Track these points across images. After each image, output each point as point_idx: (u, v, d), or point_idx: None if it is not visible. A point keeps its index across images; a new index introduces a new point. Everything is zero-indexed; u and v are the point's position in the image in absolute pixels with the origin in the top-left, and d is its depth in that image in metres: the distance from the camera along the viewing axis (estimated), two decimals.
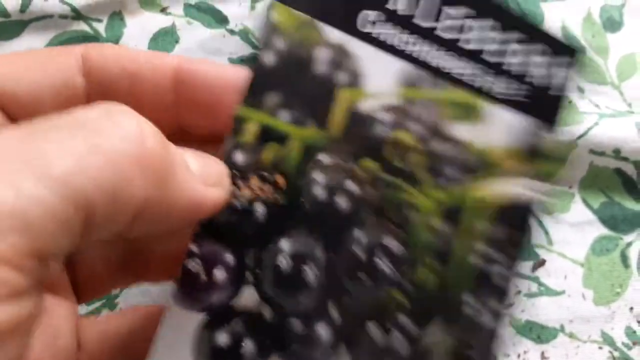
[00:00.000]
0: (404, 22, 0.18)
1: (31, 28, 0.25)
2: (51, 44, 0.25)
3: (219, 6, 0.27)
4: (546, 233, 0.26)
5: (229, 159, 0.17)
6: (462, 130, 0.19)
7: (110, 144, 0.13)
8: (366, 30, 0.18)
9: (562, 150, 0.19)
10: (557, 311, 0.25)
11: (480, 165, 0.19)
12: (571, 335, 0.25)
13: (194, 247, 0.17)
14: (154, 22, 0.27)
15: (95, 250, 0.18)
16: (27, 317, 0.12)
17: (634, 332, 0.25)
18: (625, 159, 0.26)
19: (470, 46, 0.19)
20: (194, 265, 0.17)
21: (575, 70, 0.20)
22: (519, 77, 0.19)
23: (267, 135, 0.18)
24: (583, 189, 0.26)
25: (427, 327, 0.19)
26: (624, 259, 0.26)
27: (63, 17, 0.25)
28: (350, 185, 0.18)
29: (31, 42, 0.25)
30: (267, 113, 0.18)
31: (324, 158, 0.18)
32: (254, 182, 0.17)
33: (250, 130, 0.17)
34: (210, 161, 0.16)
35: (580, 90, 0.28)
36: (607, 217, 0.26)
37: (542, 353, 0.25)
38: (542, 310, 0.25)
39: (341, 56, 0.18)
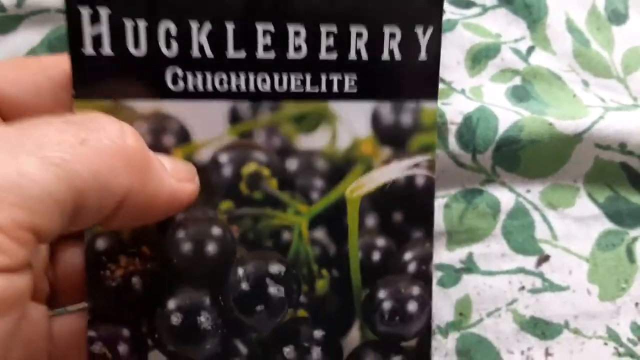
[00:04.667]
0: (214, 63, 0.18)
1: (27, 22, 0.24)
2: (47, 38, 0.24)
3: None
4: (550, 228, 0.26)
5: (92, 249, 0.18)
6: (317, 138, 0.19)
7: (97, 138, 0.14)
8: (178, 85, 0.18)
9: (433, 119, 0.19)
10: (561, 307, 0.25)
11: (347, 163, 0.19)
12: (576, 332, 0.25)
13: (92, 333, 0.18)
14: None
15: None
16: (24, 291, 0.13)
17: None
18: (630, 153, 0.26)
19: (302, 53, 0.18)
20: (98, 347, 0.18)
21: (434, 36, 0.19)
22: (365, 64, 0.19)
23: None
24: (588, 183, 0.26)
25: (348, 334, 0.20)
26: (630, 254, 0.26)
27: (60, 11, 0.24)
28: (216, 230, 0.19)
29: (27, 36, 0.24)
30: None
31: (180, 216, 0.19)
32: (123, 260, 0.18)
33: None
34: (179, 161, 0.18)
35: (585, 83, 0.28)
36: (612, 212, 0.26)
37: (547, 349, 0.25)
38: (547, 306, 0.25)
39: (161, 122, 0.18)
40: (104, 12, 0.17)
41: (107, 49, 0.17)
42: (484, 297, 0.25)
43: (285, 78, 0.18)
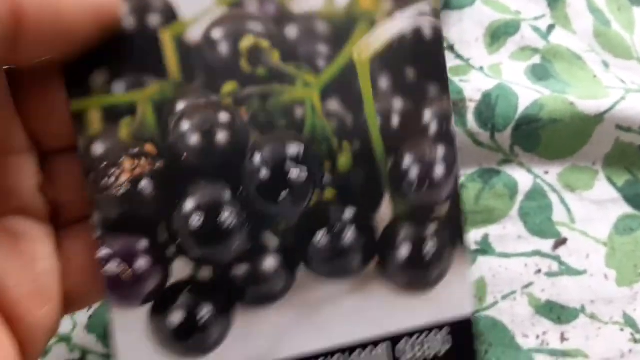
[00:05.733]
0: None
1: None
2: None
3: None
4: (568, 210, 0.25)
5: (89, 156, 0.16)
6: None
7: None
8: None
9: None
10: (578, 291, 0.24)
11: (349, 22, 0.17)
12: (592, 317, 0.24)
13: (105, 250, 0.16)
14: None
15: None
16: None
17: None
18: None
19: None
20: (114, 266, 0.16)
21: None
22: None
23: (113, 114, 0.17)
24: (608, 166, 0.25)
25: (378, 210, 0.18)
26: None
27: None
28: (224, 116, 0.17)
29: None
30: (101, 93, 0.17)
31: (182, 105, 0.17)
32: (127, 163, 0.16)
33: (94, 119, 0.16)
34: None
35: (605, 64, 0.27)
36: (631, 196, 0.25)
37: (562, 334, 0.24)
38: (563, 290, 0.24)
39: (143, 0, 0.17)
40: None
41: None
42: (499, 279, 0.24)
43: None
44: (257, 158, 0.17)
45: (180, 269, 0.17)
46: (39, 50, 0.14)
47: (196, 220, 0.16)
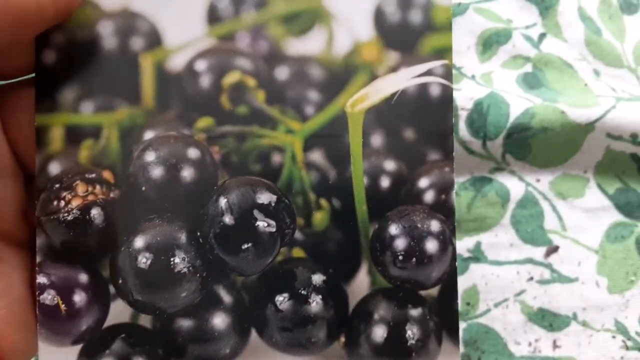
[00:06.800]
0: None
1: None
2: None
3: None
4: (560, 218, 0.25)
5: (44, 174, 0.15)
6: (311, 42, 0.16)
7: None
8: None
9: (447, 17, 0.16)
10: (570, 299, 0.25)
11: (347, 71, 0.16)
12: (584, 324, 0.24)
13: (43, 279, 0.15)
14: None
15: None
16: None
17: None
18: None
19: None
20: (49, 297, 0.15)
21: None
22: None
23: (76, 134, 0.16)
24: (598, 174, 0.26)
25: (353, 279, 0.16)
26: (639, 246, 0.25)
27: None
28: (193, 152, 0.15)
29: None
30: (68, 111, 0.16)
31: (150, 135, 0.16)
32: (81, 188, 0.15)
33: (56, 136, 0.16)
34: None
35: (596, 73, 0.27)
36: (622, 204, 0.25)
37: (554, 341, 0.24)
38: (555, 298, 0.25)
39: (129, 20, 0.16)
40: None
41: None
42: (491, 287, 0.24)
43: None
44: (222, 202, 0.15)
45: (120, 311, 0.16)
46: None
47: (143, 261, 0.15)
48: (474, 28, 0.26)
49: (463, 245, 0.25)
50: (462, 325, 0.24)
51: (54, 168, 0.16)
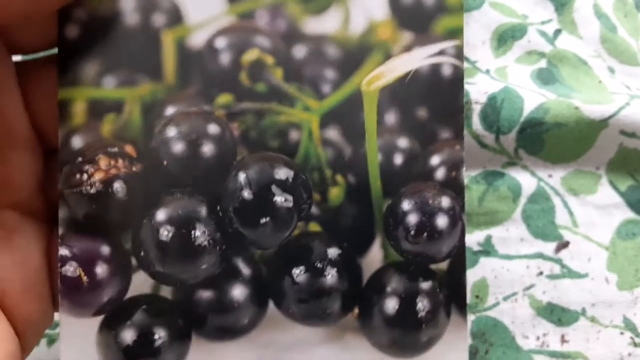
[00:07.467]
0: None
1: None
2: None
3: None
4: (571, 214, 0.25)
5: (67, 148, 0.16)
6: (327, 21, 0.16)
7: None
8: None
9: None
10: (579, 294, 0.25)
11: (362, 50, 0.16)
12: (593, 320, 0.25)
13: (65, 251, 0.15)
14: None
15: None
16: None
17: None
18: None
19: None
20: (71, 269, 0.15)
21: None
22: None
23: (99, 108, 0.16)
24: (611, 171, 0.26)
25: (367, 253, 0.17)
26: None
27: None
28: (213, 128, 0.16)
29: None
30: (91, 86, 0.16)
31: (171, 110, 0.16)
32: (103, 161, 0.16)
33: (79, 110, 0.16)
34: None
35: (611, 70, 0.27)
36: (634, 201, 0.25)
37: (562, 336, 0.24)
38: (564, 293, 0.25)
39: None
40: None
41: None
42: (501, 280, 0.25)
43: None
44: (242, 177, 0.15)
45: (141, 283, 0.16)
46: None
47: (165, 234, 0.15)
48: (489, 23, 0.26)
49: (473, 238, 0.25)
50: (471, 317, 0.24)
51: (77, 142, 0.16)
